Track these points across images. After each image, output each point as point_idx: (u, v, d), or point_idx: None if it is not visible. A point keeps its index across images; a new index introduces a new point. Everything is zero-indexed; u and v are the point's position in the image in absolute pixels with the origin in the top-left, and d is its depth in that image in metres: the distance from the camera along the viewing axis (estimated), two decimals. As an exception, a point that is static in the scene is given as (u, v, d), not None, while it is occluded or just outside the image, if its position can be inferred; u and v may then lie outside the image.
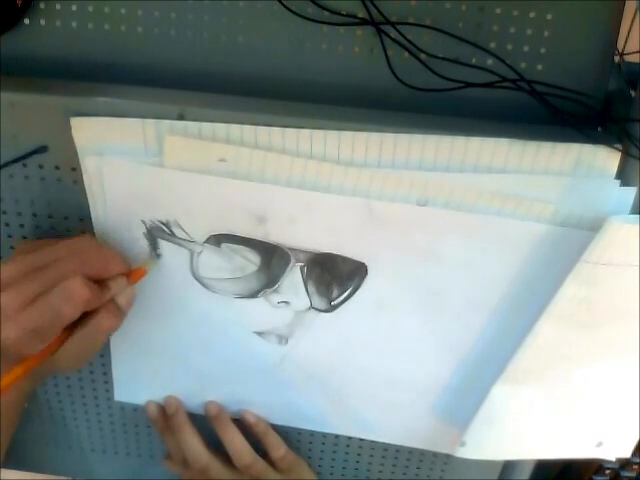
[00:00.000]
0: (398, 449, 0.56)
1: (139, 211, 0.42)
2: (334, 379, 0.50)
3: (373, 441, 0.55)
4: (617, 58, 0.48)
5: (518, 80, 0.38)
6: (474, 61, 0.39)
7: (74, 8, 0.40)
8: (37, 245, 0.41)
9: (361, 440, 0.55)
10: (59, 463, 0.61)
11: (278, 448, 0.54)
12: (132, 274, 0.42)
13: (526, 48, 0.39)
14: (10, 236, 0.45)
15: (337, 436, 0.56)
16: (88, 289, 0.38)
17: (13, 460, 0.60)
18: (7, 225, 0.45)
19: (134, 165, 0.39)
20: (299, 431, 0.55)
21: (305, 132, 0.38)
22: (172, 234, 0.42)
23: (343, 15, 0.38)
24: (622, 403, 0.48)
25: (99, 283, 0.39)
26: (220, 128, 0.38)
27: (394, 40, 0.38)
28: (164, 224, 0.42)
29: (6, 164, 0.41)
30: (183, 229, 0.42)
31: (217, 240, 0.43)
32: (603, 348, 0.44)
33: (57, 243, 0.40)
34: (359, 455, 0.57)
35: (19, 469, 0.62)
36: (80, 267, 0.38)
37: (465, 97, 0.39)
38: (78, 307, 0.38)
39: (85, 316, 0.40)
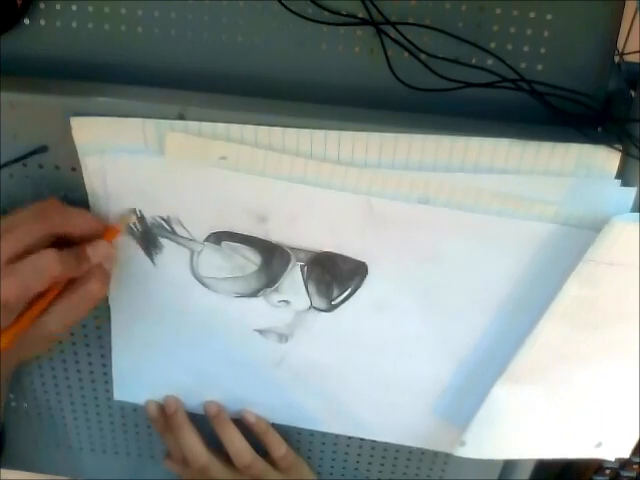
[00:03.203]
0: (398, 449, 0.56)
1: (140, 208, 0.42)
2: (334, 378, 0.50)
3: (373, 441, 0.55)
4: (617, 58, 0.48)
5: (518, 80, 0.38)
6: (474, 61, 0.39)
7: (74, 8, 0.40)
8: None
9: (361, 440, 0.55)
10: (59, 463, 0.61)
11: (279, 447, 0.54)
12: (106, 232, 0.41)
13: (526, 48, 0.39)
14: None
15: (337, 436, 0.56)
16: (60, 264, 0.37)
17: (13, 460, 0.60)
18: (7, 225, 0.45)
19: (135, 163, 0.39)
20: (299, 431, 0.55)
21: (305, 132, 0.38)
22: (173, 232, 0.42)
23: (343, 15, 0.38)
24: (622, 403, 0.48)
25: (78, 247, 0.39)
26: (220, 128, 0.38)
27: (394, 40, 0.38)
28: (165, 221, 0.42)
29: (6, 164, 0.41)
30: (184, 227, 0.42)
31: (217, 238, 0.43)
32: (604, 348, 0.44)
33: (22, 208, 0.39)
34: (359, 455, 0.57)
35: (19, 469, 0.62)
36: (46, 227, 0.38)
37: (465, 97, 0.39)
38: (47, 281, 0.37)
39: (73, 280, 0.39)
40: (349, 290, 0.44)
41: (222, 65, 0.41)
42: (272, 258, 0.43)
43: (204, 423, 0.53)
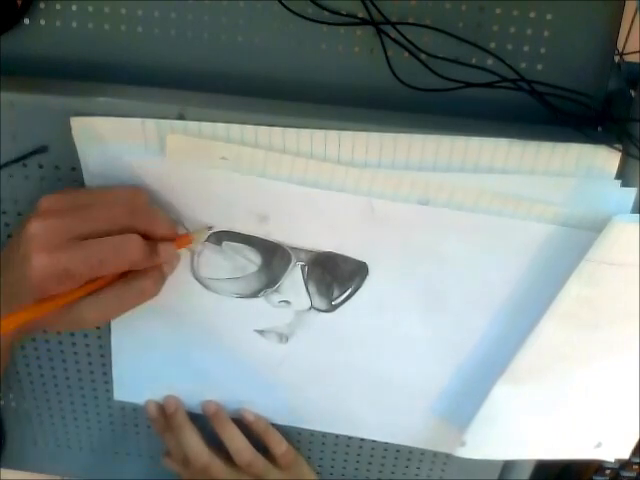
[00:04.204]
0: (398, 449, 0.56)
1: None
2: (334, 379, 0.50)
3: (373, 441, 0.55)
4: (617, 58, 0.48)
5: (518, 80, 0.38)
6: (474, 61, 0.39)
7: (74, 8, 0.40)
8: (82, 188, 0.40)
9: (361, 440, 0.55)
10: (59, 463, 0.61)
11: (279, 445, 0.54)
12: (178, 239, 0.41)
13: (526, 48, 0.39)
14: (10, 236, 0.45)
15: (337, 436, 0.56)
16: (142, 252, 0.36)
17: (13, 460, 0.60)
18: (7, 225, 0.45)
19: (135, 162, 0.39)
20: (299, 431, 0.55)
21: (305, 132, 0.38)
22: (173, 233, 0.42)
23: (343, 15, 0.38)
24: (622, 404, 0.48)
25: (151, 241, 0.38)
26: (220, 128, 0.38)
27: (394, 40, 0.38)
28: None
29: (6, 164, 0.41)
30: (184, 227, 0.42)
31: (218, 238, 0.43)
32: (604, 348, 0.44)
33: (108, 188, 0.38)
34: (359, 455, 0.57)
35: (19, 469, 0.62)
36: (128, 216, 0.37)
37: (465, 97, 0.39)
38: (124, 265, 0.37)
39: (127, 273, 0.38)
40: (349, 290, 0.44)
41: (222, 65, 0.41)
42: (272, 258, 0.43)
43: (204, 423, 0.53)
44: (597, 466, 0.58)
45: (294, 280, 0.44)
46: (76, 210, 0.36)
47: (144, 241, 0.37)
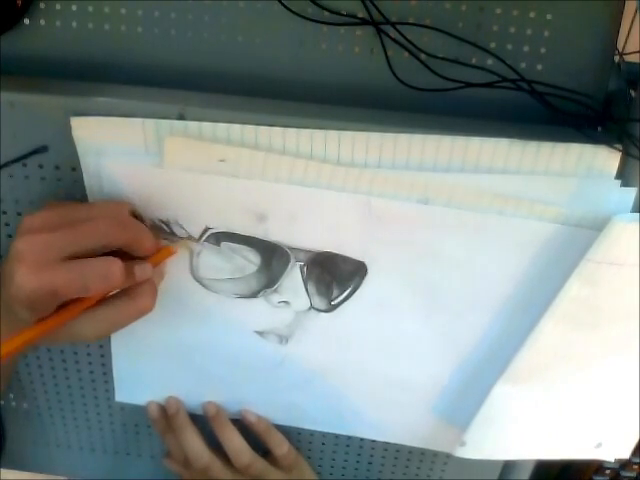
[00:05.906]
0: (398, 449, 0.56)
1: (140, 209, 0.42)
2: (334, 379, 0.50)
3: (373, 441, 0.55)
4: (617, 58, 0.48)
5: (518, 80, 0.38)
6: (474, 61, 0.39)
7: (74, 8, 0.40)
8: (68, 203, 0.40)
9: (361, 440, 0.55)
10: (59, 463, 0.61)
11: (280, 446, 0.54)
12: (161, 251, 0.41)
13: (526, 48, 0.39)
14: (10, 236, 0.45)
15: (337, 436, 0.56)
16: (123, 277, 0.36)
17: (13, 460, 0.60)
18: (7, 225, 0.45)
19: (134, 164, 0.39)
20: (299, 431, 0.55)
21: (305, 132, 0.38)
22: (172, 233, 0.42)
23: (343, 15, 0.38)
24: (622, 404, 0.48)
25: (131, 261, 0.38)
26: (220, 128, 0.38)
27: (394, 40, 0.38)
28: (164, 223, 0.42)
29: (6, 164, 0.41)
30: (183, 228, 0.42)
31: (217, 239, 0.43)
32: (604, 348, 0.44)
33: (91, 204, 0.39)
34: (359, 455, 0.57)
35: (19, 469, 0.62)
36: (112, 231, 0.37)
37: (465, 97, 0.39)
38: (105, 289, 0.37)
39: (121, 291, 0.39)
40: (349, 290, 0.44)
41: (222, 65, 0.41)
42: (271, 258, 0.43)
43: (204, 423, 0.53)
44: (597, 466, 0.58)
45: (293, 280, 0.44)
46: (60, 228, 0.36)
47: (123, 264, 0.37)
